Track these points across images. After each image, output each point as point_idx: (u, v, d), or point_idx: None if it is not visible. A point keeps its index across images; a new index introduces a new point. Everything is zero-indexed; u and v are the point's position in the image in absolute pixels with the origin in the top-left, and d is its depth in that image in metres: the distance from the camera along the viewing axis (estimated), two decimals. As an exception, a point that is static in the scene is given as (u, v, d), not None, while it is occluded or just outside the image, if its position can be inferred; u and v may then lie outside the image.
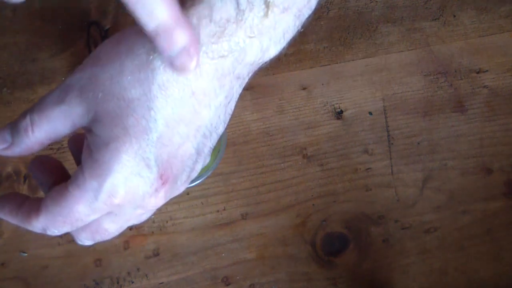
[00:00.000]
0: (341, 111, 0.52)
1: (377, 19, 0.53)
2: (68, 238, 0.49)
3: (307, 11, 0.27)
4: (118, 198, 0.27)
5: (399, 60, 0.53)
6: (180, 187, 0.30)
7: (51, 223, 0.29)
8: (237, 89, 0.29)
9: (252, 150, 0.51)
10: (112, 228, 0.30)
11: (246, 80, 0.29)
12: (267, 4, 0.25)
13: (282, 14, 0.26)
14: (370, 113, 0.52)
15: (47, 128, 0.28)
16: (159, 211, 0.50)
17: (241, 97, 0.49)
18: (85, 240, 0.31)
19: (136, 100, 0.26)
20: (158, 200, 0.28)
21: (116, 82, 0.26)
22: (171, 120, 0.26)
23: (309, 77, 0.52)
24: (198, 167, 0.30)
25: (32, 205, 0.30)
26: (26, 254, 0.48)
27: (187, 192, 0.51)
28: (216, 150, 0.46)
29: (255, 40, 0.26)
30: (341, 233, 0.51)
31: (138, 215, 0.30)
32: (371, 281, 0.50)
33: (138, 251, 0.49)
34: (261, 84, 0.52)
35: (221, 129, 0.29)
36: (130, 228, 0.50)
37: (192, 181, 0.43)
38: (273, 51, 0.28)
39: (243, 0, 0.25)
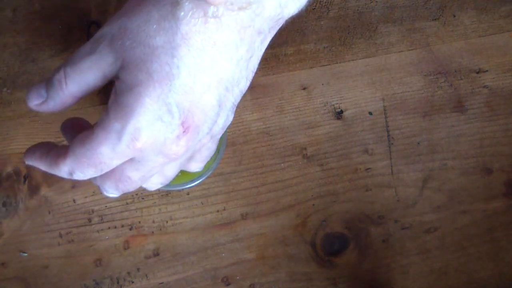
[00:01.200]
0: (341, 111, 0.52)
1: (377, 19, 0.52)
2: (68, 238, 0.49)
3: None
4: (140, 142, 0.28)
5: (399, 60, 0.53)
6: (203, 140, 0.30)
7: (77, 166, 0.29)
8: (259, 45, 0.29)
9: (252, 150, 0.51)
10: (135, 176, 0.31)
11: (268, 37, 0.30)
12: None
13: None
14: (370, 113, 0.52)
15: (79, 80, 0.29)
16: (159, 211, 0.50)
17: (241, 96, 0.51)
18: (110, 189, 0.32)
19: (161, 47, 0.27)
20: (179, 148, 0.29)
21: (142, 30, 0.28)
22: (193, 69, 0.28)
23: (309, 77, 0.52)
24: (220, 122, 0.30)
25: (60, 149, 0.31)
26: (26, 254, 0.48)
27: (187, 192, 0.50)
28: (216, 150, 0.45)
29: None
30: (341, 233, 0.51)
31: (160, 164, 0.30)
32: (371, 281, 0.50)
33: (138, 251, 0.50)
34: (261, 84, 0.51)
35: (243, 85, 0.30)
36: (130, 228, 0.50)
37: (193, 181, 0.46)
38: (292, 7, 0.29)
39: None
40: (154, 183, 0.33)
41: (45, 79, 0.31)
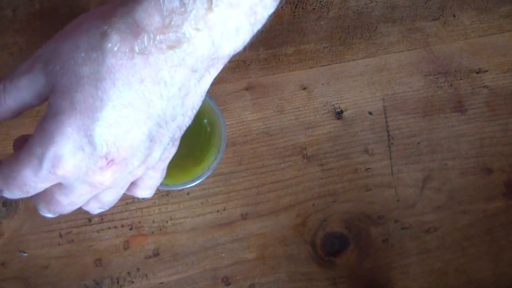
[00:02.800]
0: (341, 111, 0.52)
1: (377, 19, 0.52)
2: (68, 238, 0.49)
3: (263, 10, 0.28)
4: (61, 169, 0.28)
5: (399, 60, 0.52)
6: (136, 171, 0.30)
7: (4, 185, 0.30)
8: (195, 83, 0.29)
9: (252, 150, 0.51)
10: (64, 201, 0.31)
11: (207, 75, 0.30)
12: None
13: (230, 9, 0.27)
14: (370, 113, 0.52)
15: (16, 96, 0.30)
16: (159, 211, 0.50)
17: (241, 97, 0.51)
18: (43, 210, 0.33)
19: (86, 77, 0.27)
20: (104, 179, 0.29)
21: (71, 57, 0.28)
22: (119, 104, 0.27)
23: (309, 77, 0.52)
24: (156, 155, 0.30)
25: None
26: (26, 254, 0.48)
27: (187, 192, 0.50)
28: (216, 150, 0.45)
29: (204, 34, 0.27)
30: (341, 233, 0.51)
31: (88, 192, 0.30)
32: (371, 281, 0.50)
33: (138, 251, 0.49)
34: (261, 84, 0.51)
35: (180, 121, 0.30)
36: (130, 228, 0.50)
37: (193, 181, 0.45)
38: (227, 47, 0.28)
39: None
40: (93, 207, 0.34)
41: None
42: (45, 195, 0.31)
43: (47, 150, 0.28)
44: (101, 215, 0.49)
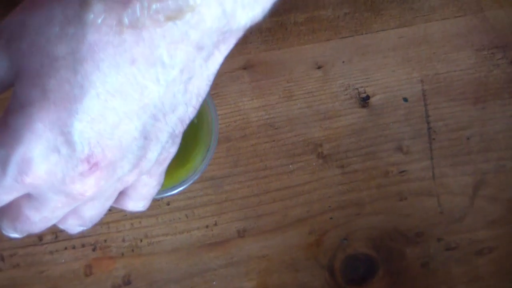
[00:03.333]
0: (367, 97, 0.48)
1: (415, -23, 0.51)
2: (12, 262, 0.45)
3: None
4: (30, 176, 0.27)
5: (443, 31, 0.49)
6: (126, 178, 0.29)
7: None
8: (201, 63, 0.27)
9: (252, 147, 0.48)
10: (34, 217, 0.30)
11: (217, 53, 0.28)
12: None
13: None
14: (405, 100, 0.48)
15: None
16: (131, 226, 0.47)
17: (237, 78, 0.49)
18: (8, 228, 0.31)
19: (61, 58, 0.25)
20: (86, 188, 0.28)
21: (42, 32, 0.26)
22: (104, 91, 0.26)
23: (326, 52, 0.48)
24: (152, 156, 0.29)
25: None
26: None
27: (167, 201, 0.47)
28: (204, 148, 0.43)
29: (213, 0, 0.25)
30: (367, 255, 0.48)
31: (65, 205, 0.29)
32: (407, 318, 0.47)
33: (104, 279, 0.46)
34: (263, 62, 0.48)
35: (182, 112, 0.28)
36: (94, 249, 0.46)
37: (174, 187, 0.43)
38: (242, 17, 0.26)
39: None
40: (71, 225, 0.32)
41: None
42: (11, 210, 0.30)
43: (13, 152, 0.26)
44: (55, 232, 0.46)
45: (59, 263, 0.45)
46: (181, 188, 0.42)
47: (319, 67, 0.48)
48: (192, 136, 0.43)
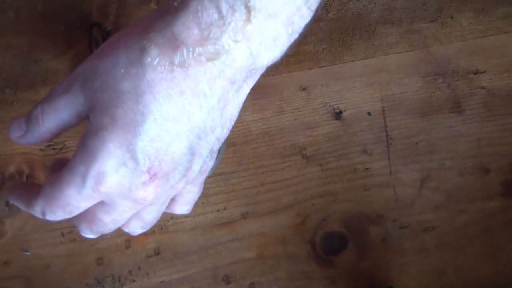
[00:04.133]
0: (340, 112, 0.52)
1: (376, 21, 0.53)
2: (70, 237, 0.49)
3: (299, 20, 0.28)
4: (104, 186, 0.28)
5: (397, 61, 0.53)
6: (176, 185, 0.30)
7: (47, 206, 0.30)
8: (234, 94, 0.29)
9: (252, 150, 0.51)
10: (106, 219, 0.31)
11: (245, 86, 0.29)
12: (248, 10, 0.26)
13: (268, 20, 0.26)
14: (369, 114, 0.52)
15: (55, 116, 0.30)
16: None
17: None
18: (85, 230, 0.32)
19: (127, 92, 0.27)
20: (147, 194, 0.29)
21: (110, 74, 0.28)
22: (160, 117, 0.27)
23: (309, 78, 0.52)
24: (196, 168, 0.30)
25: (35, 189, 0.32)
26: (28, 253, 0.48)
27: None
28: (217, 151, 0.45)
29: (242, 45, 0.26)
30: (340, 233, 0.51)
31: (131, 209, 0.30)
32: (370, 279, 0.50)
33: (139, 250, 0.49)
34: (261, 85, 0.51)
35: (219, 132, 0.30)
36: None
37: None
38: (265, 58, 0.28)
39: (224, 6, 0.25)
40: (134, 227, 0.33)
41: (26, 113, 0.31)
42: (87, 215, 0.31)
43: (90, 167, 0.28)
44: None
45: (105, 238, 0.48)
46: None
47: (303, 89, 0.52)
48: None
